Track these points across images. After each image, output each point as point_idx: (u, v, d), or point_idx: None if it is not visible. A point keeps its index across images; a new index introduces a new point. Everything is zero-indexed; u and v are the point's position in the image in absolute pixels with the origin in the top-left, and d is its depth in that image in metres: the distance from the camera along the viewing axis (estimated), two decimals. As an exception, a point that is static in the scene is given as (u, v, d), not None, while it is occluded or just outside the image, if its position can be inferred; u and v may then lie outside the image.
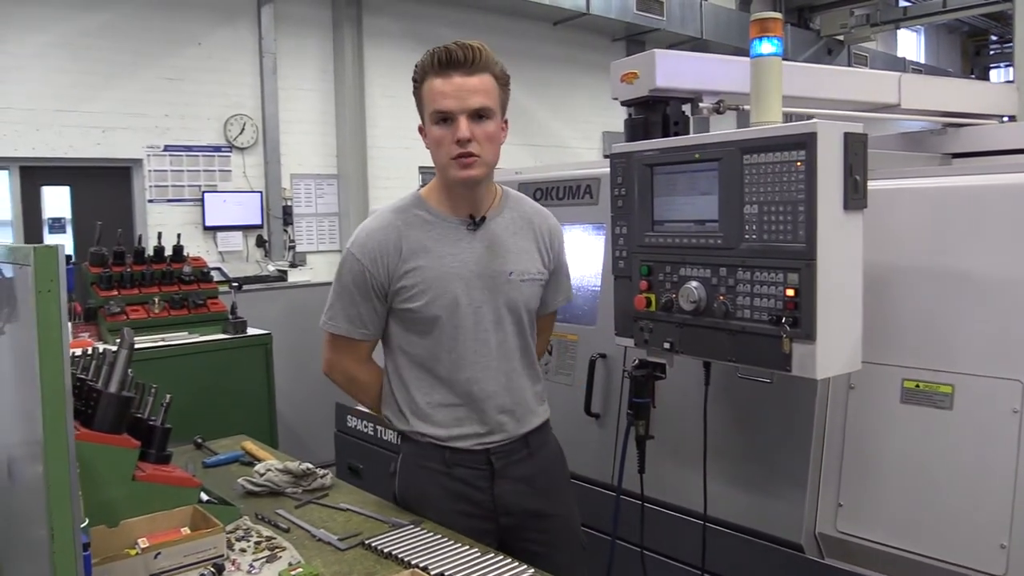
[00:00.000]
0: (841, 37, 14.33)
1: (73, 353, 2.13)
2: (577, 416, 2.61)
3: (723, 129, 2.03)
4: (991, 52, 20.68)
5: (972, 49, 20.46)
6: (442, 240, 1.91)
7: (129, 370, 1.79)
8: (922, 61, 18.72)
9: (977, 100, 2.98)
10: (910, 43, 19.05)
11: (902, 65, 16.04)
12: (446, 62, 1.80)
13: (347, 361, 2.02)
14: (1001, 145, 2.79)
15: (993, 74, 20.43)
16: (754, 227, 1.75)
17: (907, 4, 15.39)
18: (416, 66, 1.88)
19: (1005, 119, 3.04)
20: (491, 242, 1.94)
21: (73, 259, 4.52)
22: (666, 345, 1.96)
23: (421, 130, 1.93)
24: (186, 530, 1.65)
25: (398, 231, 1.90)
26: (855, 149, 1.69)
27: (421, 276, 1.88)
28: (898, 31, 17.28)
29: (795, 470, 2.08)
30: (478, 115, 1.81)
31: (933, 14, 14.71)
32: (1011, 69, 20.10)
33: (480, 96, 1.81)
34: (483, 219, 1.94)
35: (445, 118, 1.82)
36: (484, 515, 1.94)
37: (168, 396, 1.89)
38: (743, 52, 2.42)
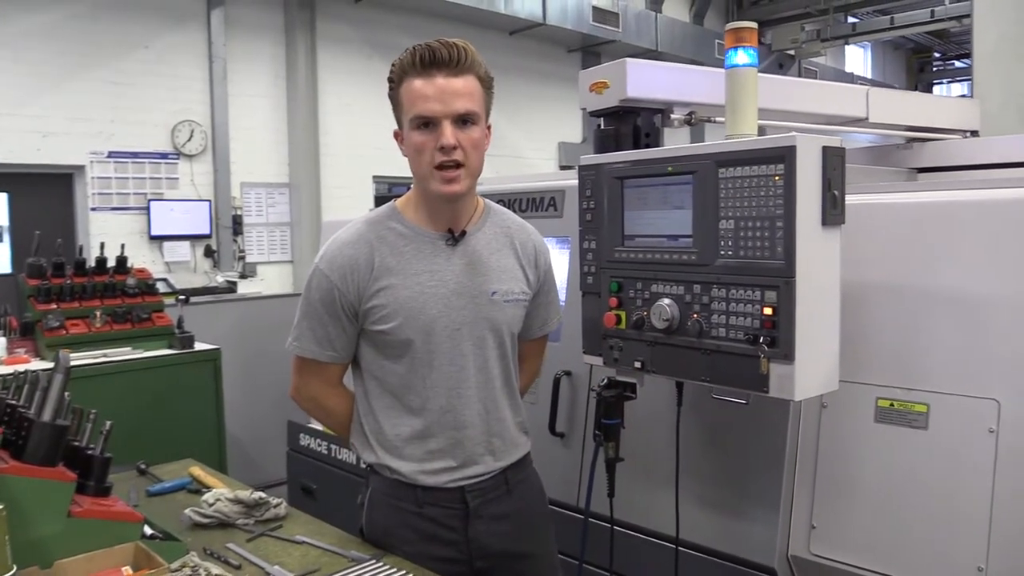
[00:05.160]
0: (792, 52, 14.63)
1: (5, 373, 1.98)
2: (541, 436, 2.53)
3: (677, 143, 1.98)
4: (935, 68, 21.31)
5: (916, 66, 21.05)
6: (418, 256, 1.78)
7: (66, 394, 1.65)
8: (869, 76, 19.19)
9: (941, 115, 3.00)
10: (857, 59, 19.52)
11: (851, 80, 16.43)
12: (429, 61, 1.66)
13: (315, 386, 1.88)
14: (966, 160, 2.81)
15: (936, 90, 21.05)
16: (730, 243, 1.70)
17: (855, 20, 15.79)
18: (393, 65, 1.73)
19: (967, 134, 3.07)
20: (471, 259, 1.81)
21: (9, 271, 4.31)
22: (637, 364, 1.90)
23: (397, 135, 1.78)
24: (128, 570, 1.53)
25: (370, 245, 1.77)
26: (833, 163, 1.64)
27: (393, 296, 1.74)
28: (846, 47, 17.71)
29: (768, 492, 2.04)
30: (463, 120, 1.69)
31: (881, 30, 15.14)
32: (953, 86, 20.77)
33: (465, 100, 1.68)
34: (463, 234, 1.82)
35: (427, 123, 1.67)
36: (457, 558, 1.81)
37: (108, 423, 1.76)
38: (697, 64, 2.40)
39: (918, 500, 1.83)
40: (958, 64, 20.68)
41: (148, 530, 1.73)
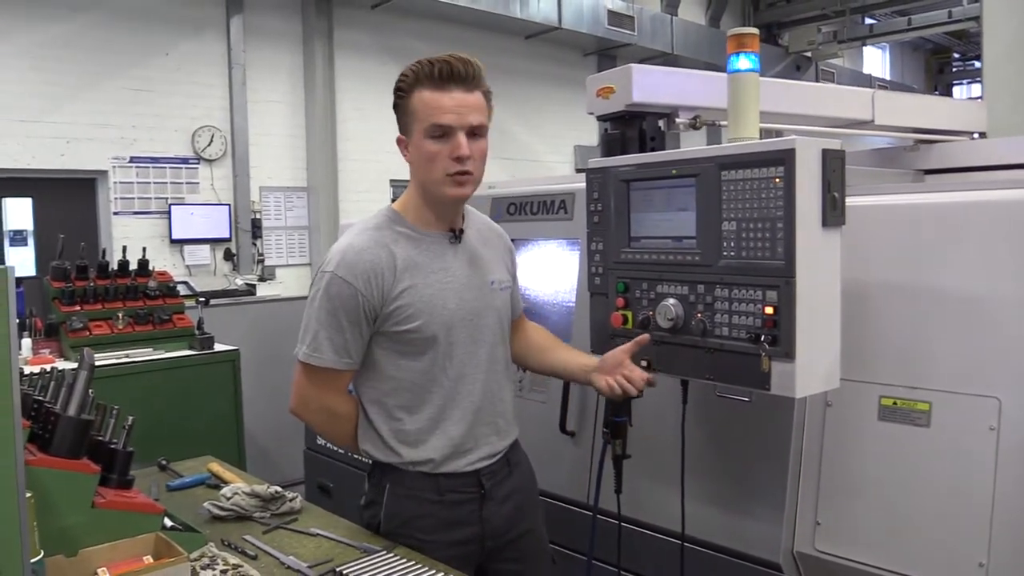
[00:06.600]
0: (809, 54, 14.58)
1: (31, 372, 2.05)
2: (552, 434, 2.58)
3: (693, 145, 2.02)
4: (954, 69, 21.12)
5: (935, 66, 20.88)
6: (430, 255, 1.86)
7: (90, 391, 1.72)
8: (887, 78, 19.06)
9: (948, 117, 3.01)
10: (875, 60, 19.39)
11: (868, 82, 16.32)
12: (448, 76, 1.75)
13: (326, 395, 1.90)
14: (973, 162, 2.81)
15: (956, 91, 20.85)
16: (732, 244, 1.73)
17: (873, 22, 15.69)
18: (404, 75, 1.80)
19: (975, 135, 3.07)
20: (471, 254, 1.93)
21: (34, 274, 4.41)
22: (643, 363, 1.94)
23: (401, 142, 1.86)
24: (149, 558, 1.58)
25: (388, 249, 1.82)
26: (833, 165, 1.68)
27: (417, 295, 1.81)
28: (864, 48, 17.60)
29: (773, 489, 2.06)
30: (473, 132, 1.78)
31: (898, 32, 15.04)
32: (973, 86, 20.58)
33: (477, 113, 1.78)
34: (461, 231, 1.92)
35: (443, 133, 1.76)
36: (472, 538, 1.90)
37: (131, 418, 1.82)
38: (713, 67, 2.43)
39: (921, 497, 1.85)
40: (978, 64, 20.42)
41: (168, 522, 1.79)
